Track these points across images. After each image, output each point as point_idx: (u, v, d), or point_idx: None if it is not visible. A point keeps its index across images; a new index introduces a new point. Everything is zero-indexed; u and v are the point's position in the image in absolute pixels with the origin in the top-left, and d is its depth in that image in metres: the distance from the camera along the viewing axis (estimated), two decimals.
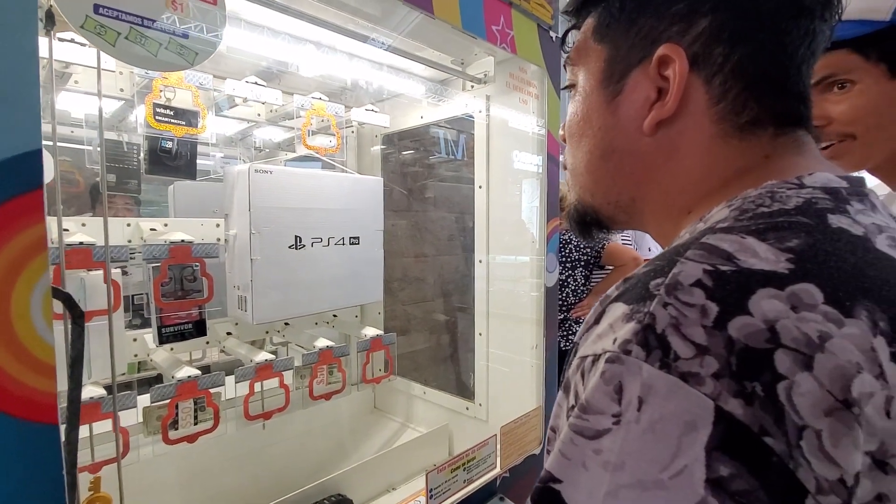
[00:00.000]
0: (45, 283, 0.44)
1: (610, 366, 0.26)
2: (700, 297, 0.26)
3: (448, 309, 1.66)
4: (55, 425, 0.45)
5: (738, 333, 0.24)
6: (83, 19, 0.47)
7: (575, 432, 0.27)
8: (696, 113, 0.34)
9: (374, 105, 1.42)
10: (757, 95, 0.33)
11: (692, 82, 0.34)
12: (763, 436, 0.23)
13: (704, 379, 0.24)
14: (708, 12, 0.33)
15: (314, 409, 1.23)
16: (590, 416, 0.26)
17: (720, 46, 0.33)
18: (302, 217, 1.21)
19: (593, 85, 0.39)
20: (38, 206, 0.43)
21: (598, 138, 0.39)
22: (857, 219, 0.29)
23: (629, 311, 0.28)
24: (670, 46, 0.34)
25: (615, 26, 0.37)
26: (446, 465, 0.90)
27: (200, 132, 1.03)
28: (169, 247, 1.00)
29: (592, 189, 0.41)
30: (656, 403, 0.24)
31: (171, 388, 0.99)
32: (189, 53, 0.53)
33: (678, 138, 0.35)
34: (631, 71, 0.36)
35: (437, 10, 0.83)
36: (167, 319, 1.02)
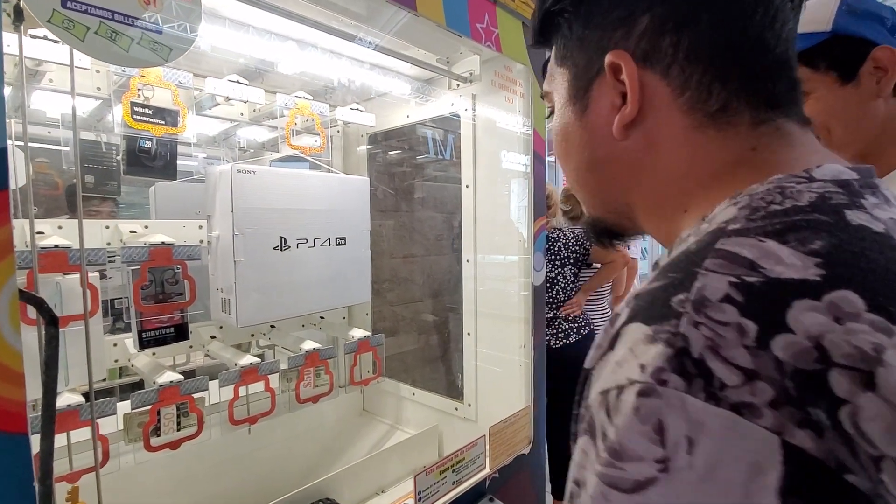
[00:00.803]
0: (11, 287, 0.42)
1: (644, 400, 0.23)
2: (733, 315, 0.23)
3: (436, 309, 1.66)
4: (24, 434, 0.43)
5: (784, 354, 0.21)
6: (50, 13, 0.45)
7: (608, 485, 0.23)
8: (663, 107, 0.34)
9: (359, 104, 1.41)
10: (721, 77, 0.32)
11: (649, 79, 0.34)
12: (843, 473, 0.20)
13: (761, 410, 0.21)
14: (646, 10, 0.33)
15: (301, 412, 1.21)
16: (626, 464, 0.23)
17: (666, 37, 0.33)
18: (287, 218, 1.19)
19: (564, 105, 0.40)
20: (3, 208, 0.42)
21: (580, 153, 0.40)
22: (874, 214, 0.27)
23: (652, 333, 0.25)
24: (615, 53, 0.34)
25: (571, 47, 0.38)
26: (435, 466, 0.89)
27: (180, 132, 1.00)
28: (149, 249, 0.98)
29: (591, 202, 0.42)
30: (711, 444, 0.21)
31: (152, 394, 0.97)
32: (163, 49, 0.52)
33: (652, 135, 0.35)
34: (592, 84, 0.37)
35: (420, 7, 0.82)
36: (147, 323, 1.00)
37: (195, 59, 1.12)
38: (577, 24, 0.37)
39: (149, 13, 0.50)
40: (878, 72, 0.62)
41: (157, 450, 0.97)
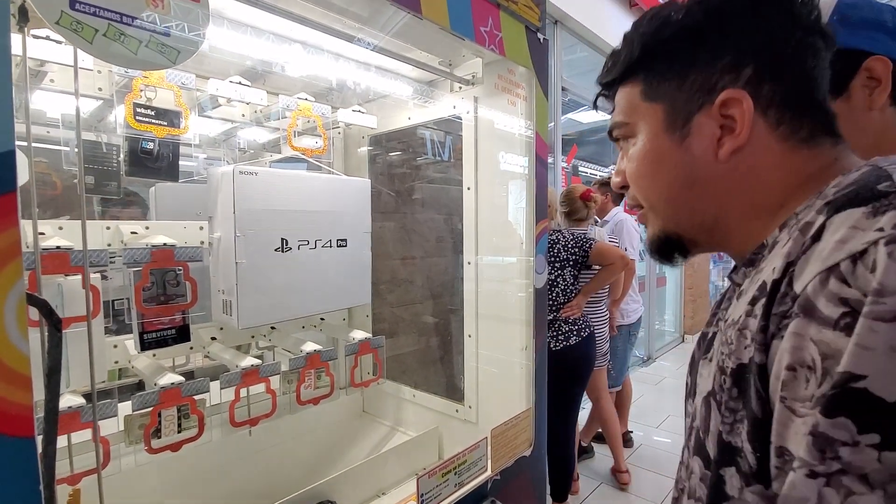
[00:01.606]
0: (19, 289, 0.42)
1: (891, 246, 0.27)
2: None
3: (437, 311, 1.66)
4: (31, 438, 0.43)
5: None
6: (59, 15, 0.45)
7: (873, 319, 0.26)
8: (762, 137, 0.42)
9: (360, 106, 1.40)
10: (807, 116, 0.42)
11: (753, 116, 0.41)
12: None
13: None
14: (750, 62, 0.41)
15: (301, 414, 1.21)
16: (888, 298, 0.26)
17: (766, 86, 0.41)
18: (288, 219, 1.19)
19: (656, 133, 0.46)
20: (11, 210, 0.42)
21: (675, 173, 0.45)
22: None
23: (871, 209, 0.30)
24: (734, 91, 0.41)
25: (665, 86, 0.45)
26: (437, 469, 0.89)
27: (183, 133, 1.00)
28: (150, 250, 0.98)
29: (676, 217, 0.47)
30: None
31: (153, 396, 0.96)
32: (171, 52, 0.52)
33: (752, 158, 0.42)
34: (693, 116, 0.43)
35: (425, 10, 0.82)
36: (149, 325, 0.99)
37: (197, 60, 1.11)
38: (679, 65, 0.44)
39: (157, 15, 0.50)
40: (871, 82, 0.61)
41: (158, 452, 0.97)
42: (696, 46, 0.43)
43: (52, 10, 0.45)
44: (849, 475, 0.26)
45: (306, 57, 1.07)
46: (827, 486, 0.26)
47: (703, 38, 0.43)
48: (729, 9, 0.42)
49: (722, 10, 0.42)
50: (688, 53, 0.44)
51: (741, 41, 0.42)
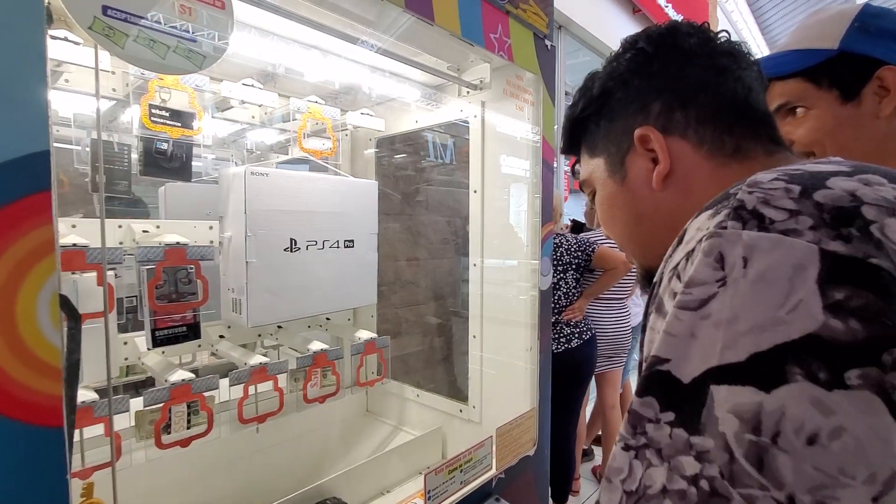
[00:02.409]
0: (52, 285, 0.44)
1: (708, 241, 0.29)
2: (780, 184, 0.30)
3: (441, 312, 1.67)
4: (60, 428, 0.45)
5: (823, 199, 0.28)
6: (91, 20, 0.47)
7: (679, 308, 0.29)
8: (688, 159, 0.45)
9: (369, 109, 1.42)
10: (727, 129, 0.44)
11: (672, 142, 0.45)
12: (868, 258, 0.25)
13: (803, 231, 0.27)
14: (655, 99, 0.46)
15: (306, 412, 1.23)
16: (693, 288, 0.28)
17: (677, 112, 0.45)
18: (297, 220, 1.21)
19: (605, 180, 0.51)
20: (46, 208, 0.43)
21: (626, 212, 0.50)
22: None
23: (713, 211, 0.31)
24: (642, 128, 0.46)
25: (600, 139, 0.51)
26: (444, 466, 0.90)
27: (196, 134, 1.02)
28: (164, 249, 1.00)
29: (643, 252, 0.51)
30: (761, 257, 0.27)
31: (164, 392, 0.98)
32: (197, 57, 0.53)
33: (686, 181, 0.45)
34: (625, 158, 0.49)
35: (437, 18, 0.84)
36: (161, 322, 1.01)
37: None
38: (603, 121, 0.50)
39: (184, 22, 0.52)
40: (882, 91, 0.62)
41: (168, 447, 0.98)
42: (609, 103, 0.50)
43: (86, 15, 0.47)
44: (650, 448, 0.28)
45: (317, 60, 1.08)
46: (635, 459, 0.28)
47: (612, 95, 0.49)
48: (626, 67, 0.48)
49: (619, 71, 0.49)
50: (605, 110, 0.50)
51: (642, 86, 0.47)
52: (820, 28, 0.66)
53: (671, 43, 0.47)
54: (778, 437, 0.24)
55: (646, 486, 0.27)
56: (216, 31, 0.55)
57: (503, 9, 0.99)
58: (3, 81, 0.41)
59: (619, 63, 0.49)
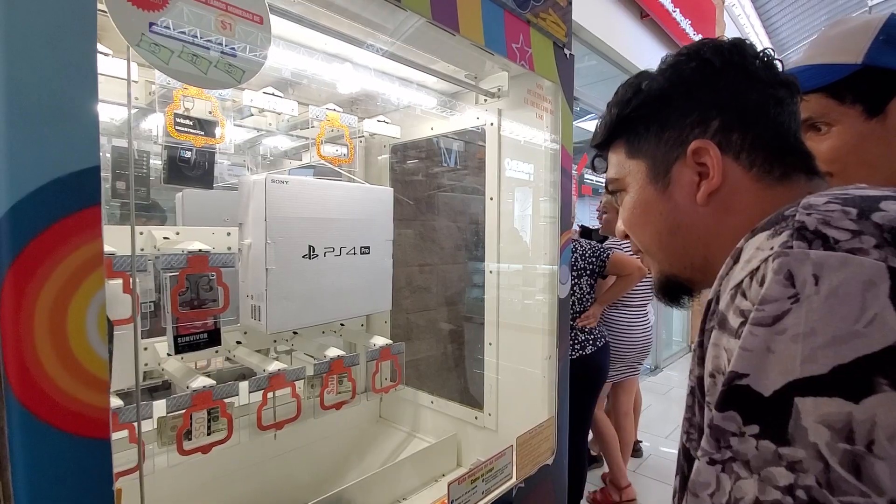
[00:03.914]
0: (100, 298, 0.45)
1: (776, 261, 0.30)
2: (836, 207, 0.31)
3: (456, 318, 1.67)
4: (107, 440, 0.45)
5: (882, 220, 0.29)
6: (139, 38, 0.48)
7: (754, 324, 0.30)
8: (737, 179, 0.45)
9: (385, 116, 1.43)
10: (778, 158, 0.45)
11: (725, 160, 0.45)
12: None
13: (868, 250, 0.28)
14: (717, 115, 0.46)
15: (321, 418, 1.23)
16: (766, 305, 0.29)
17: (735, 134, 0.45)
18: (315, 227, 1.21)
19: (643, 185, 0.50)
20: (96, 222, 0.44)
21: (661, 221, 0.49)
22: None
23: (772, 231, 0.32)
24: (700, 141, 0.46)
25: (646, 144, 0.50)
26: (466, 476, 0.90)
27: (219, 142, 1.03)
28: (187, 256, 1.00)
29: (669, 261, 0.51)
30: (832, 275, 0.28)
31: (186, 399, 0.99)
32: (237, 72, 0.54)
33: (729, 200, 0.45)
34: (672, 167, 0.48)
35: (462, 29, 0.85)
36: (183, 329, 1.02)
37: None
38: (655, 125, 0.49)
39: (224, 37, 0.53)
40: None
41: (190, 453, 0.99)
42: (666, 109, 0.48)
43: (134, 32, 0.47)
44: (737, 461, 0.29)
45: (335, 69, 1.09)
46: (722, 472, 0.29)
47: (670, 102, 0.48)
48: (689, 76, 0.48)
49: (683, 79, 0.48)
50: (660, 115, 0.49)
51: (705, 100, 0.47)
52: (842, 41, 0.64)
53: (739, 62, 0.46)
54: (873, 445, 0.25)
55: (736, 498, 0.28)
56: (254, 46, 0.56)
57: (524, 18, 1.00)
58: (57, 98, 0.42)
59: (683, 71, 0.48)
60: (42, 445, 0.41)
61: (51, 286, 0.41)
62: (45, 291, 0.41)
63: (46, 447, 0.42)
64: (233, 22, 0.53)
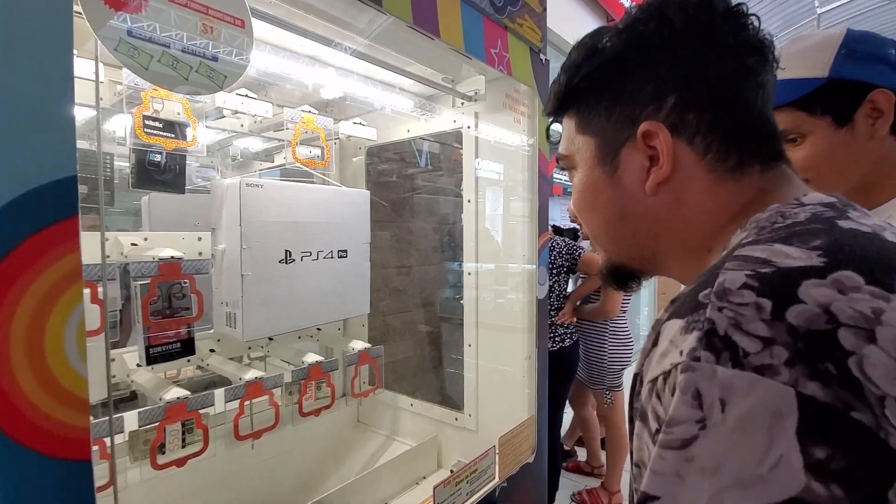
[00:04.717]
0: (79, 313, 0.43)
1: (684, 376, 0.28)
2: (751, 297, 0.28)
3: (433, 319, 1.68)
4: (88, 462, 0.43)
5: (797, 320, 0.26)
6: (118, 42, 0.46)
7: (662, 447, 0.28)
8: (689, 167, 0.40)
9: (360, 118, 1.42)
10: (736, 143, 0.40)
11: (678, 145, 0.40)
12: (849, 411, 0.24)
13: (779, 368, 0.25)
14: (673, 90, 0.40)
15: (299, 425, 1.21)
16: (674, 427, 0.28)
17: (691, 114, 0.40)
18: (292, 231, 1.19)
19: (591, 166, 0.45)
20: (73, 234, 0.42)
21: (609, 207, 0.45)
22: (860, 221, 0.33)
23: (685, 324, 0.30)
24: (650, 123, 0.40)
25: (596, 119, 0.44)
26: (451, 479, 0.91)
27: (191, 145, 1.00)
28: (158, 263, 0.97)
29: (617, 250, 0.47)
30: (738, 401, 0.26)
31: (159, 411, 0.95)
32: (218, 76, 0.53)
33: (680, 191, 0.41)
34: (622, 149, 0.43)
35: (443, 34, 0.85)
36: (154, 339, 0.98)
37: None
38: (605, 98, 0.43)
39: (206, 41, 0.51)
40: (875, 113, 0.64)
41: (164, 467, 0.95)
42: (618, 79, 0.42)
43: (112, 37, 0.45)
44: None
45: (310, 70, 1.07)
46: None
47: (624, 71, 0.41)
48: (647, 39, 0.40)
49: (641, 41, 0.41)
50: (611, 86, 0.42)
51: (662, 71, 0.40)
52: (807, 57, 0.68)
53: (706, 21, 0.39)
54: None
55: None
56: (236, 50, 0.54)
57: (502, 24, 1.01)
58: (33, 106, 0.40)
59: (640, 32, 0.41)
60: (20, 470, 0.39)
61: (27, 302, 0.39)
62: (21, 308, 0.38)
63: (25, 471, 0.39)
64: (214, 26, 0.52)
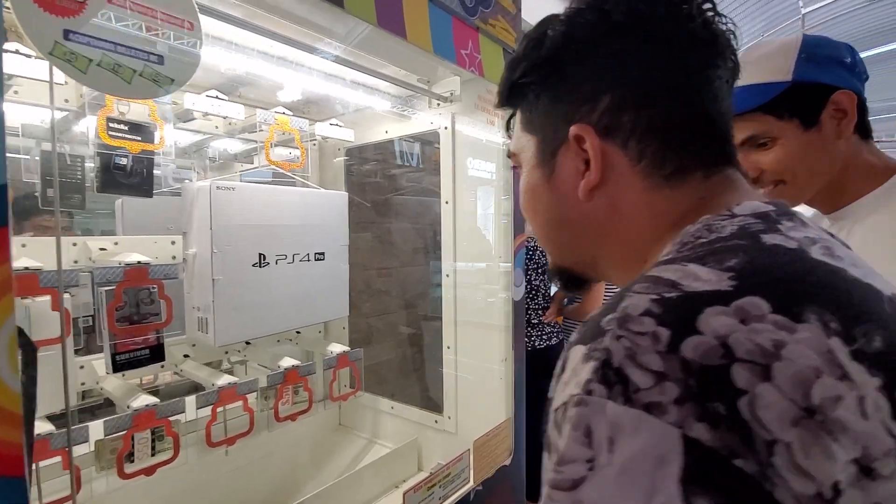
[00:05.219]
0: (9, 327, 0.41)
1: (576, 409, 0.26)
2: (650, 325, 0.26)
3: (415, 321, 1.67)
4: (21, 478, 0.42)
5: (692, 354, 0.25)
6: (52, 46, 0.44)
7: (552, 487, 0.26)
8: (623, 174, 0.38)
9: (337, 119, 1.40)
10: (675, 147, 0.37)
11: (610, 149, 0.38)
12: (733, 458, 0.22)
13: (667, 407, 0.24)
14: (608, 90, 0.37)
15: (277, 430, 1.19)
16: (564, 466, 0.26)
17: (626, 115, 0.37)
18: (266, 234, 1.18)
19: (532, 167, 0.43)
20: (3, 246, 0.40)
21: (548, 211, 0.43)
22: (789, 235, 0.31)
23: (587, 351, 0.28)
24: (579, 126, 0.38)
25: (537, 116, 0.42)
26: (423, 483, 0.90)
27: (158, 148, 0.98)
28: (124, 269, 0.95)
29: (559, 254, 0.46)
30: (625, 441, 0.24)
31: (126, 419, 0.93)
32: (165, 80, 0.51)
33: (615, 198, 0.39)
34: (558, 151, 0.40)
35: (409, 35, 0.84)
36: (122, 346, 0.96)
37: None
38: (545, 95, 0.41)
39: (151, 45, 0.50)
40: (838, 114, 0.66)
41: (131, 477, 0.94)
42: (557, 74, 0.39)
43: (46, 41, 0.44)
44: None
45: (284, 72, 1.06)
46: None
47: (562, 67, 0.39)
48: (585, 32, 0.38)
49: (578, 35, 0.38)
50: (550, 83, 0.40)
51: (599, 67, 0.38)
52: (768, 62, 0.69)
53: (647, 15, 0.37)
54: None
55: None
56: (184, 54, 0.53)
57: (473, 25, 1.00)
58: None
59: (580, 24, 0.38)
60: None
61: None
62: None
63: None
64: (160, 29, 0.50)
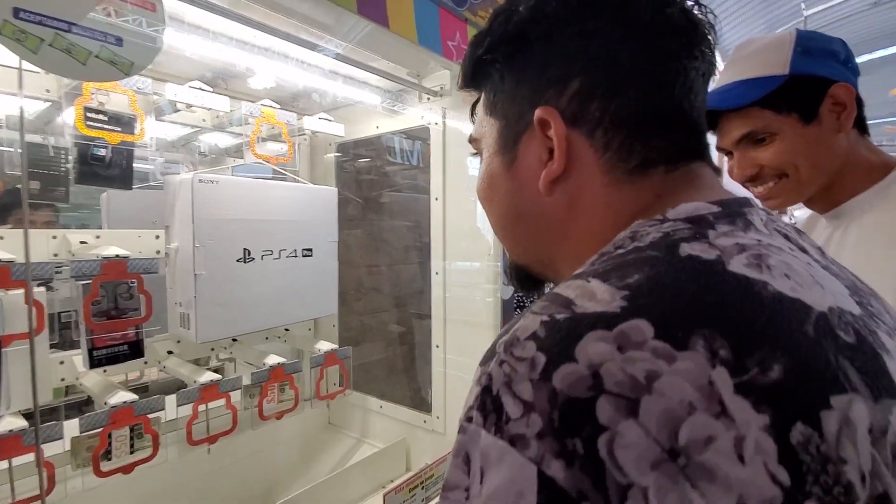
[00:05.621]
0: None
1: (458, 436, 0.26)
2: (531, 350, 0.25)
3: (405, 320, 1.65)
4: None
5: (561, 384, 0.23)
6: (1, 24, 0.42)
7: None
8: (586, 165, 0.35)
9: (327, 114, 1.38)
10: (643, 139, 0.34)
11: (576, 139, 0.35)
12: (581, 502, 0.21)
13: (530, 441, 0.23)
14: (578, 74, 0.34)
15: (264, 428, 1.18)
16: (449, 493, 0.26)
17: (595, 102, 0.34)
18: (251, 229, 1.16)
19: (493, 154, 0.40)
20: None
21: (505, 203, 0.40)
22: (715, 242, 0.28)
23: (478, 375, 0.27)
24: (545, 109, 0.35)
25: (501, 98, 0.38)
26: (404, 484, 0.88)
27: (138, 139, 0.96)
28: (101, 262, 0.93)
29: (515, 250, 0.42)
30: (492, 474, 0.24)
31: (103, 416, 0.91)
32: (124, 63, 0.49)
33: (575, 193, 0.35)
34: (521, 137, 0.37)
35: (392, 24, 0.82)
36: (99, 341, 0.94)
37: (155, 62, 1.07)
38: (510, 76, 0.37)
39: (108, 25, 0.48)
40: (837, 107, 0.65)
41: (108, 475, 0.92)
42: (523, 53, 0.36)
43: None
44: None
45: (271, 63, 1.04)
46: None
47: (529, 46, 0.36)
48: (554, 9, 0.35)
49: (547, 11, 0.35)
50: (516, 61, 0.37)
51: (570, 48, 0.35)
52: (764, 56, 0.68)
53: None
54: None
55: None
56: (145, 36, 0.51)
57: (461, 16, 0.98)
58: None
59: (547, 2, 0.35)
60: None
61: None
62: None
63: None
64: (118, 9, 0.48)
